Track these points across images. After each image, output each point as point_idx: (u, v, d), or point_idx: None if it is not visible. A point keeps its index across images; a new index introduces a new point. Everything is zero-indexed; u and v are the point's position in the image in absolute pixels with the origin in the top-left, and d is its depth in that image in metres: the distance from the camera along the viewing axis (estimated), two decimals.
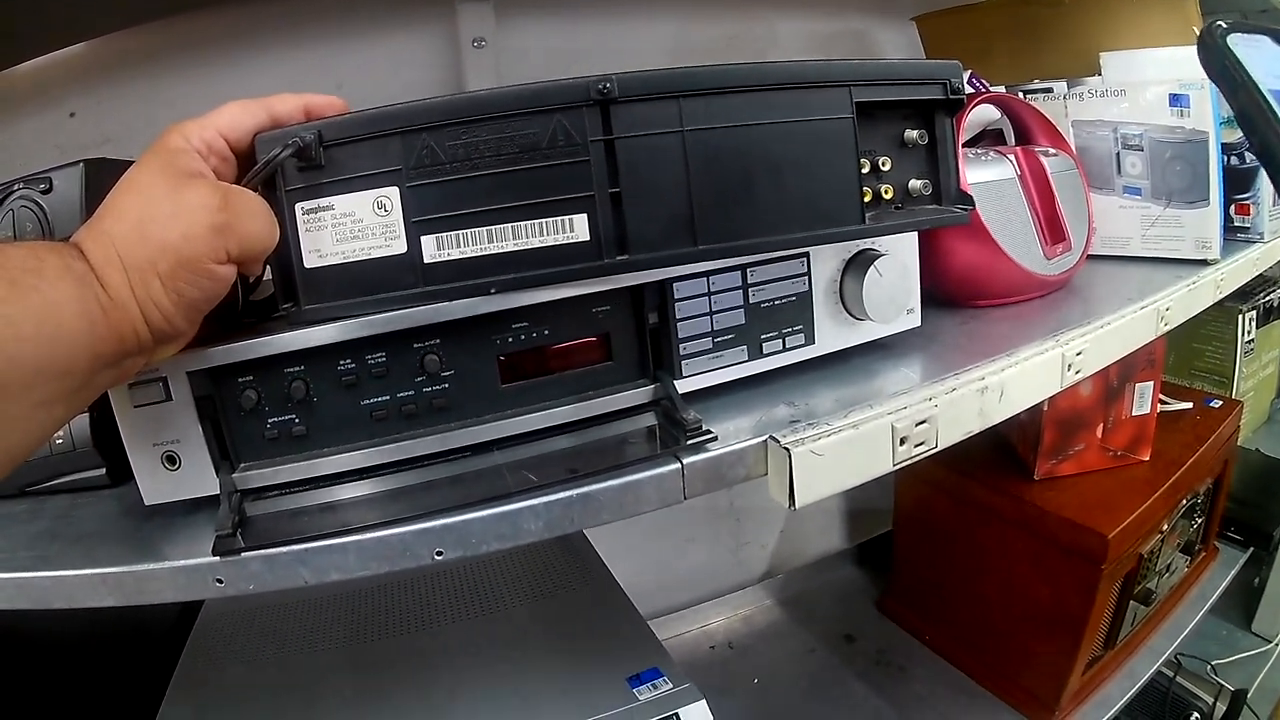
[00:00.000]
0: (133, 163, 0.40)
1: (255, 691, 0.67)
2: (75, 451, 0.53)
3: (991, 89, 0.86)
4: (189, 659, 0.72)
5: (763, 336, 0.54)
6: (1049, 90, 0.87)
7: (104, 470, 0.53)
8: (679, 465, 0.45)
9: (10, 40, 0.74)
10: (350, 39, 0.87)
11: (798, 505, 0.45)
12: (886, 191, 0.52)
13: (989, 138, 0.84)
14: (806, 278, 0.55)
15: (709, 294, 0.51)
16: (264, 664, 0.71)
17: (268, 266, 0.45)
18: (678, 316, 0.51)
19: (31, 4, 0.69)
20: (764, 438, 0.47)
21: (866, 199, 0.51)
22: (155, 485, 0.45)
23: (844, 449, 0.47)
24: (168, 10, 0.80)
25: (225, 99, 0.43)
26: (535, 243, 0.44)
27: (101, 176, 0.51)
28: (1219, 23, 0.56)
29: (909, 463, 0.50)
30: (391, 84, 0.89)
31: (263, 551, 0.42)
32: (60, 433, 0.53)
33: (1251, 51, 0.55)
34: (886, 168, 0.52)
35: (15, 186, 0.53)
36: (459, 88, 0.90)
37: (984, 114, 0.82)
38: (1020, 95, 0.86)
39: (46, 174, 0.53)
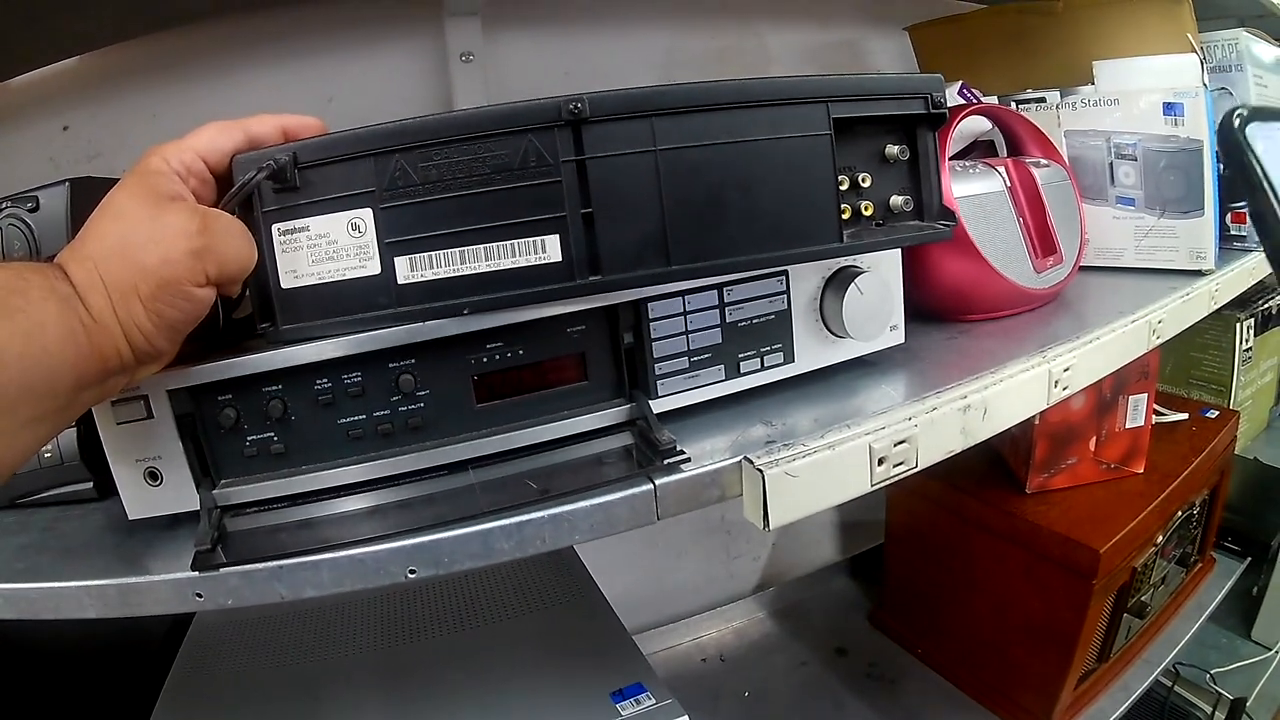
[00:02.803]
0: (117, 181, 0.40)
1: (244, 702, 0.68)
2: (63, 465, 0.54)
3: (984, 99, 0.86)
4: (180, 669, 0.73)
5: (740, 356, 0.54)
6: (1042, 100, 0.86)
7: (91, 484, 0.54)
8: (651, 486, 0.45)
9: (4, 54, 0.75)
10: (340, 54, 0.88)
11: (772, 527, 0.45)
12: (866, 208, 0.52)
13: (980, 149, 0.84)
14: (785, 296, 0.54)
15: (685, 313, 0.51)
16: (253, 675, 0.71)
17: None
18: (653, 336, 0.51)
19: (26, 18, 0.70)
20: (738, 458, 0.46)
21: (845, 216, 0.51)
22: (138, 500, 0.46)
23: (820, 470, 0.46)
24: (161, 25, 0.81)
25: (217, 114, 0.44)
26: (508, 264, 0.44)
27: (87, 195, 0.52)
28: (1239, 111, 0.55)
29: (887, 483, 0.49)
30: (381, 98, 0.89)
31: (240, 567, 0.42)
32: (49, 447, 0.53)
33: (1272, 144, 0.54)
34: (866, 184, 0.52)
35: (2, 205, 0.54)
36: (448, 102, 0.90)
37: (975, 125, 0.82)
38: (1013, 105, 0.86)
39: (33, 193, 0.53)
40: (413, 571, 0.43)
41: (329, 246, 0.44)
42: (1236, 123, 0.55)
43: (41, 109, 0.80)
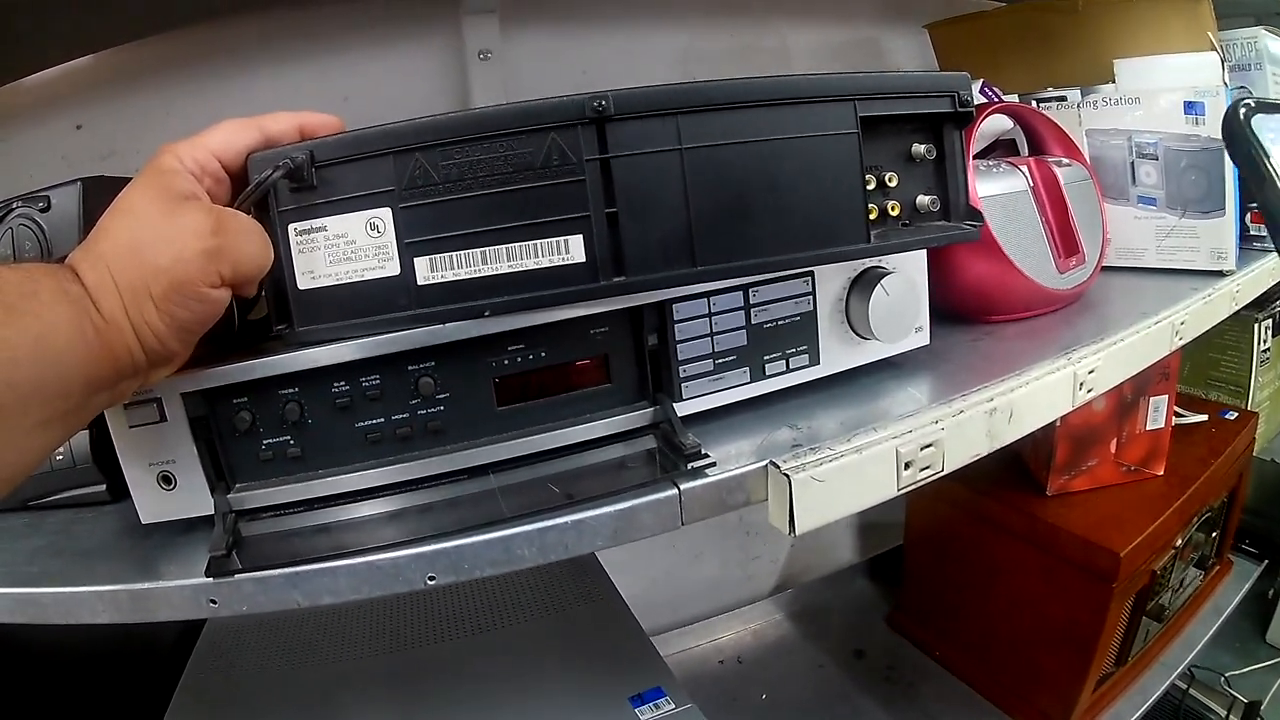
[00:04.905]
0: (130, 180, 0.40)
1: (259, 705, 0.67)
2: (76, 468, 0.53)
3: (1004, 98, 0.85)
4: (193, 672, 0.72)
5: (766, 357, 0.53)
6: (1063, 98, 0.85)
7: (104, 486, 0.53)
8: (676, 491, 0.44)
9: (18, 52, 0.75)
10: (356, 52, 0.87)
11: (798, 532, 0.44)
12: (893, 208, 0.51)
13: (1002, 148, 0.83)
14: (811, 297, 0.54)
15: (709, 315, 0.50)
16: (267, 677, 0.71)
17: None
18: (677, 338, 0.50)
19: (39, 17, 0.69)
20: (764, 463, 0.46)
21: (872, 216, 0.50)
22: (151, 504, 0.45)
23: (846, 474, 0.46)
24: (174, 24, 0.80)
25: (232, 112, 0.43)
26: (530, 264, 0.43)
27: (99, 195, 0.51)
28: (1245, 103, 0.53)
29: (913, 488, 0.49)
30: (398, 96, 0.88)
31: (256, 574, 0.41)
32: (61, 449, 0.53)
33: (1278, 136, 0.53)
34: (893, 183, 0.51)
35: (14, 205, 0.53)
36: (465, 100, 0.90)
37: (996, 124, 0.81)
38: (1034, 104, 0.85)
39: (45, 193, 0.53)
40: (432, 578, 0.42)
41: (347, 247, 0.43)
42: (1242, 113, 0.53)
43: (55, 108, 0.80)
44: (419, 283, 0.43)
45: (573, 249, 0.43)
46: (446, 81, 0.91)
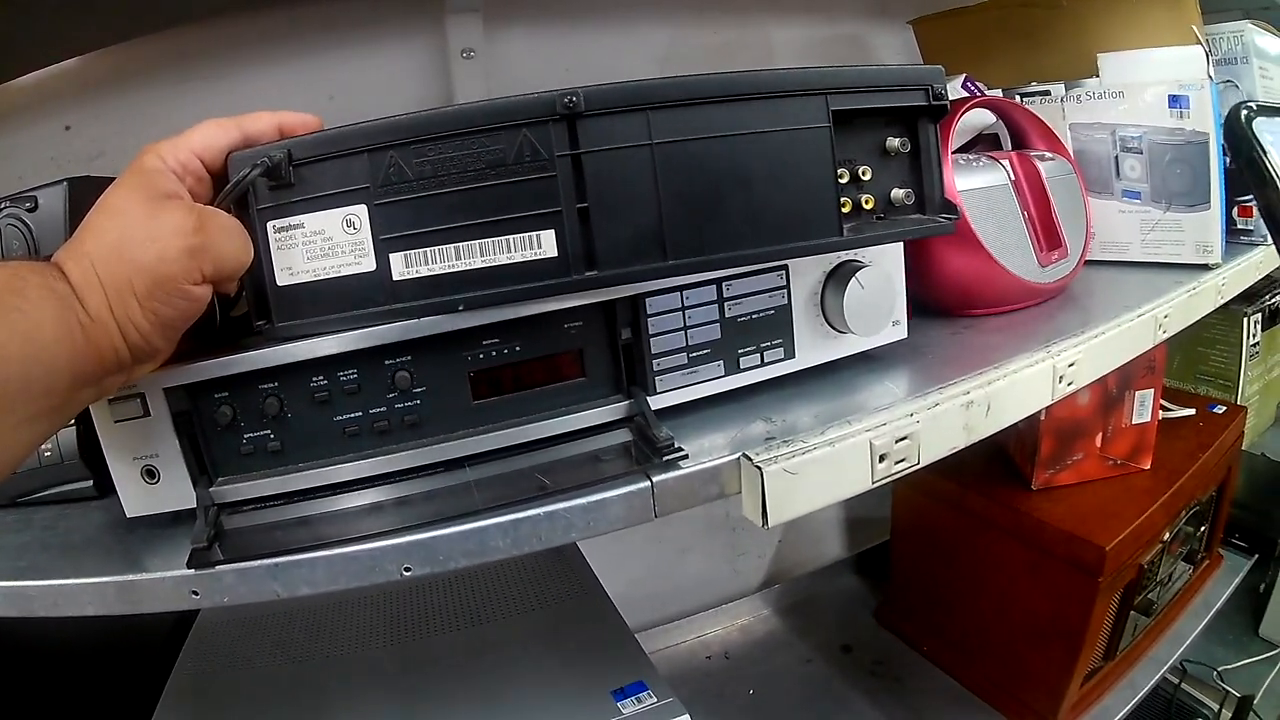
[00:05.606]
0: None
1: (247, 699, 0.68)
2: (63, 464, 0.54)
3: (988, 92, 0.86)
4: (183, 666, 0.73)
5: (740, 351, 0.53)
6: (1046, 93, 0.85)
7: (91, 482, 0.54)
8: (649, 484, 0.45)
9: (7, 54, 0.75)
10: (341, 51, 0.88)
11: (770, 524, 0.44)
12: (867, 202, 0.52)
13: (984, 143, 0.84)
14: (786, 290, 0.54)
15: (683, 309, 0.51)
16: (256, 672, 0.71)
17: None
18: (651, 332, 0.50)
19: (28, 18, 0.70)
20: (737, 455, 0.46)
21: (846, 209, 0.50)
22: (136, 498, 0.46)
23: (819, 467, 0.46)
24: (162, 25, 0.81)
25: (219, 112, 0.44)
26: (503, 259, 0.44)
27: (85, 194, 0.52)
28: (1247, 104, 0.54)
29: (888, 480, 0.49)
30: (382, 95, 0.89)
31: (236, 565, 0.42)
32: (49, 445, 0.53)
33: (1278, 139, 0.53)
34: (867, 177, 0.51)
35: (2, 205, 0.54)
36: (449, 99, 0.90)
37: (979, 119, 0.81)
38: (1017, 98, 0.85)
39: (32, 193, 0.54)
40: (408, 569, 0.43)
41: (324, 243, 0.44)
42: (1244, 115, 0.54)
43: (43, 109, 0.81)
44: (394, 278, 0.44)
45: (545, 244, 0.44)
46: (430, 80, 0.92)
